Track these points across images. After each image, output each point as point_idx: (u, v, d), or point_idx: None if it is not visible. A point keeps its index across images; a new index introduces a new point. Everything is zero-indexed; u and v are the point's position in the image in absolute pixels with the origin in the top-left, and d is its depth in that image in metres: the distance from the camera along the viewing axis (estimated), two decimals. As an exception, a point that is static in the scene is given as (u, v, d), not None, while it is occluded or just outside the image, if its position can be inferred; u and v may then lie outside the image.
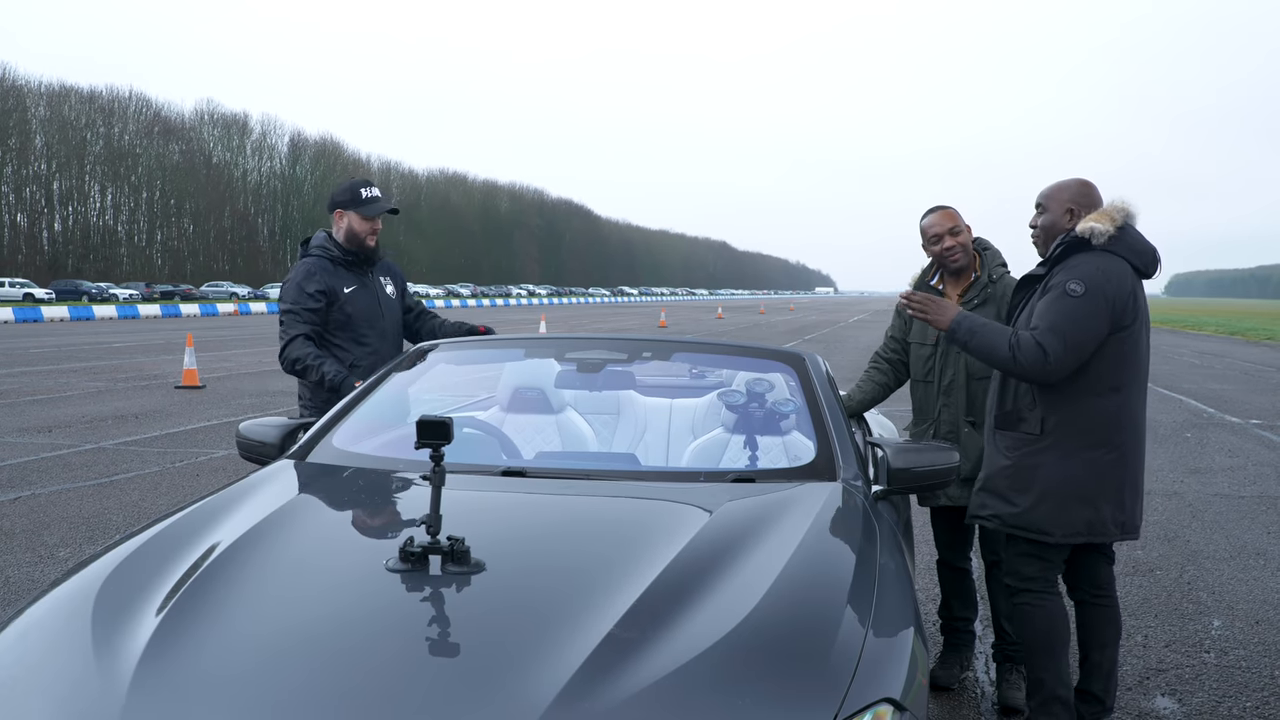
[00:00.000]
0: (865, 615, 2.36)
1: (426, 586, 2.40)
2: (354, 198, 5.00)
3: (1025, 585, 3.92)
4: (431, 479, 2.54)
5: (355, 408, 3.88)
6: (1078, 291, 3.70)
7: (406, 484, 3.33)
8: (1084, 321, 3.68)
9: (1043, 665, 3.90)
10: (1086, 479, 3.80)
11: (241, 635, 2.23)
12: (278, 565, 2.58)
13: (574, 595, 2.41)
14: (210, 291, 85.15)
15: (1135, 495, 3.89)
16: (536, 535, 2.87)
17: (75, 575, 2.59)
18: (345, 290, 4.94)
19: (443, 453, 2.59)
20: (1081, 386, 3.78)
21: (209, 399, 15.36)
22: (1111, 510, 3.83)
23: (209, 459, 10.27)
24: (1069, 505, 3.80)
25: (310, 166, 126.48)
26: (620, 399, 4.55)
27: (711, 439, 4.06)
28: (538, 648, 2.14)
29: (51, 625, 2.36)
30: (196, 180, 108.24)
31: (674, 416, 4.50)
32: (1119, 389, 3.79)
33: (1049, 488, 3.80)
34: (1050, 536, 3.82)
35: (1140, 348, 3.85)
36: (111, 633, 2.26)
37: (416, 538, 2.49)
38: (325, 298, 4.88)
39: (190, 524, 2.86)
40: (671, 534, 2.73)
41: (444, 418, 2.60)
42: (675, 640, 2.18)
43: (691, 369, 5.34)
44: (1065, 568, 4.02)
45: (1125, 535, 3.88)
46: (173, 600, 2.36)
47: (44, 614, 2.42)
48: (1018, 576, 3.95)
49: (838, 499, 3.12)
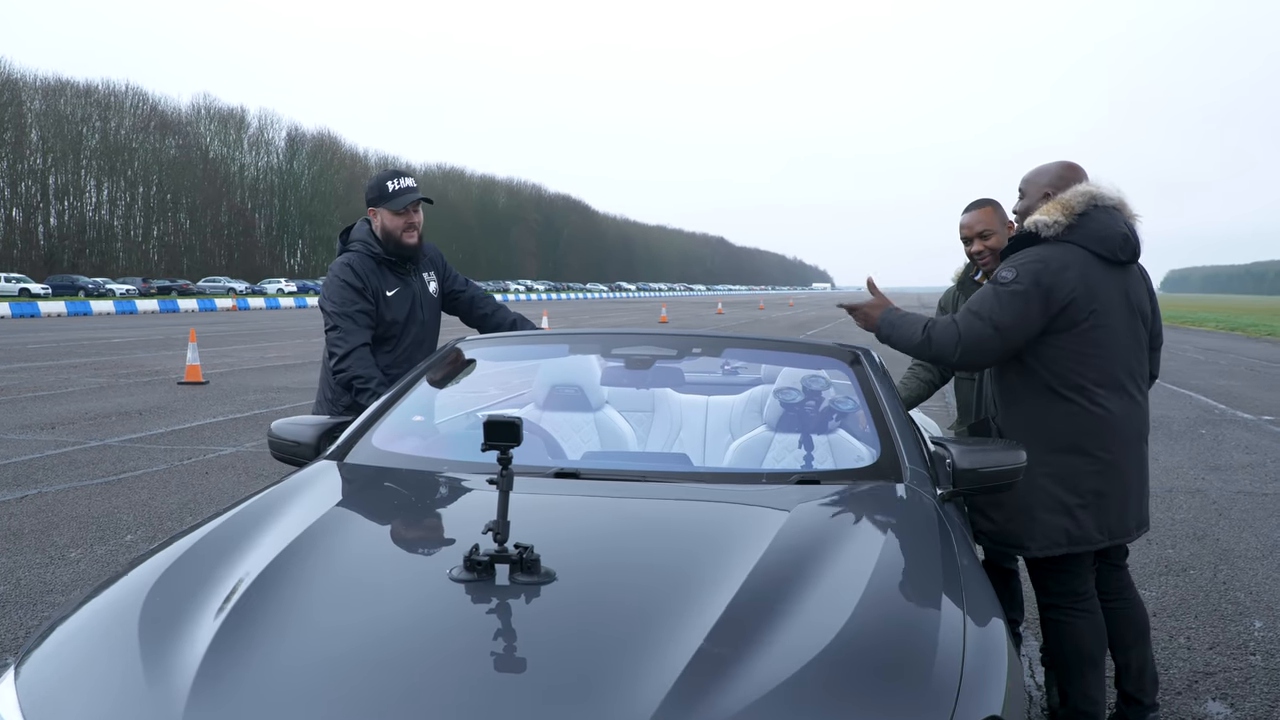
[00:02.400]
0: (959, 626, 2.22)
1: (494, 598, 2.25)
2: (381, 193, 4.63)
3: (1051, 601, 3.76)
4: (499, 483, 2.39)
5: (394, 406, 3.73)
6: (1006, 279, 3.50)
7: (460, 487, 3.18)
8: (1009, 306, 3.46)
9: (1069, 679, 3.76)
10: (1056, 487, 3.57)
11: (303, 649, 2.09)
12: (334, 575, 2.43)
13: (655, 607, 2.25)
14: (208, 287, 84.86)
15: (1126, 502, 3.64)
16: (604, 542, 2.72)
17: (118, 581, 2.45)
18: (388, 293, 4.64)
19: (511, 455, 2.44)
20: (1036, 386, 3.57)
21: (213, 395, 15.20)
22: (1094, 518, 3.59)
23: (217, 456, 10.12)
24: (1040, 516, 3.59)
25: (308, 161, 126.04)
26: (655, 396, 4.41)
27: (755, 437, 3.93)
28: (623, 665, 1.99)
29: (95, 635, 2.21)
30: (193, 175, 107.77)
31: (710, 414, 4.36)
32: (1082, 389, 3.53)
33: (1018, 498, 3.58)
34: (1027, 550, 3.64)
35: (1115, 344, 3.57)
36: (162, 645, 2.11)
37: (482, 545, 2.34)
38: (373, 298, 4.58)
39: (236, 529, 2.71)
40: (748, 540, 2.59)
41: (513, 418, 2.45)
42: (770, 656, 2.03)
43: (725, 365, 5.20)
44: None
45: (1114, 540, 3.66)
46: (226, 610, 2.21)
47: (87, 622, 2.27)
48: (1044, 592, 3.78)
49: (909, 501, 2.98)
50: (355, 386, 4.40)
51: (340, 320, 4.50)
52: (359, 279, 4.56)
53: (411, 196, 4.65)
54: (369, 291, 4.57)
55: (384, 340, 4.65)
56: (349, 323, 4.49)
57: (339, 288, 4.55)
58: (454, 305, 5.08)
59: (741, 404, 4.33)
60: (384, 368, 4.56)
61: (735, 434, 4.13)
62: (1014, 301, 3.46)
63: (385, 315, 4.62)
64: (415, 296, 4.76)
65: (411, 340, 4.74)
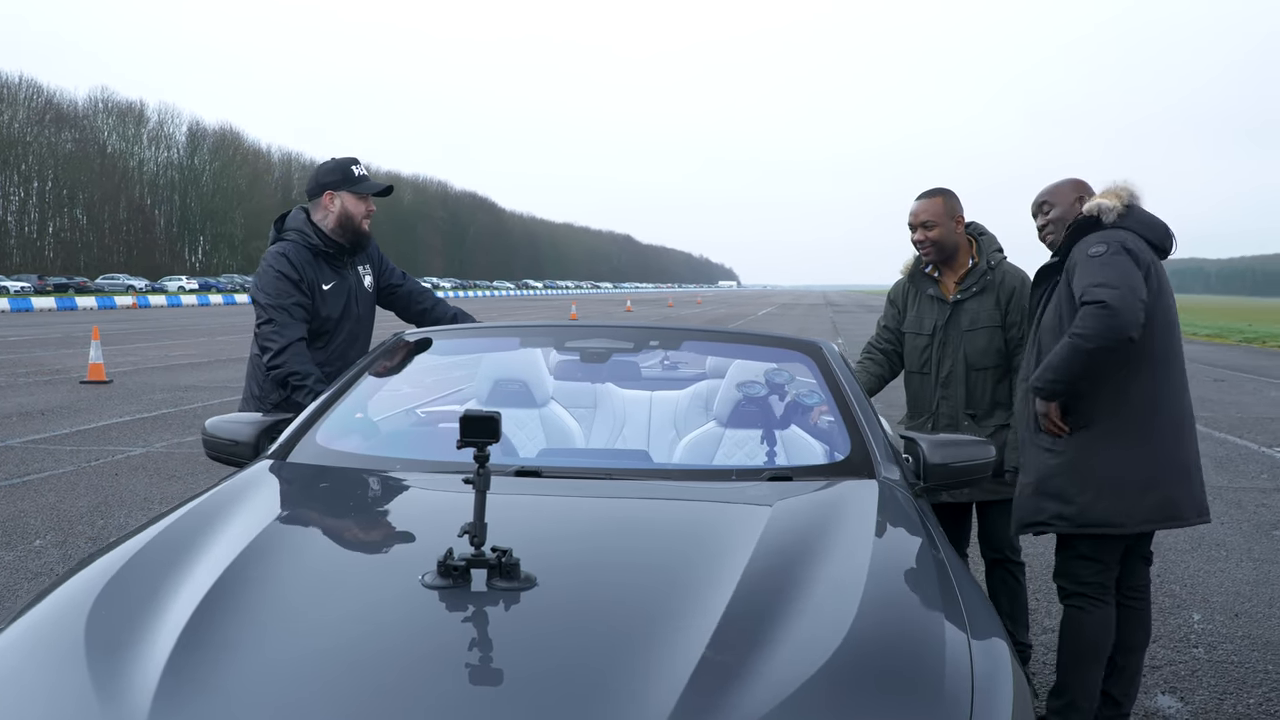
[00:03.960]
0: (963, 629, 2.11)
1: (471, 605, 2.07)
2: (346, 176, 4.44)
3: (1080, 589, 3.72)
4: (475, 482, 2.20)
5: (337, 402, 3.54)
6: (1100, 251, 3.55)
7: (418, 486, 3.00)
8: (1121, 269, 3.48)
9: (1075, 671, 3.72)
10: (1147, 462, 3.61)
11: (268, 667, 1.89)
12: (294, 585, 2.24)
13: (647, 611, 2.10)
14: (107, 284, 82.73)
15: (1196, 475, 3.72)
16: (582, 543, 2.55)
17: (56, 591, 2.23)
18: (324, 287, 4.40)
19: (488, 453, 2.27)
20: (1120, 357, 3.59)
21: (117, 394, 14.72)
22: (1186, 493, 3.66)
23: (127, 457, 9.76)
24: (1131, 493, 3.60)
25: (209, 157, 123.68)
26: (598, 392, 4.27)
27: (706, 433, 3.81)
28: (623, 676, 1.84)
29: (35, 653, 1.99)
30: (90, 170, 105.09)
31: (654, 409, 4.23)
32: (1165, 360, 3.64)
33: (1109, 476, 3.60)
34: (1123, 529, 3.62)
35: (1171, 322, 3.71)
36: (113, 662, 1.90)
37: (456, 549, 2.15)
38: (309, 291, 4.34)
39: (183, 534, 2.49)
40: (734, 539, 2.45)
41: (492, 413, 2.26)
42: (778, 664, 1.88)
43: (664, 360, 5.07)
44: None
45: (1201, 518, 3.72)
46: (182, 624, 2.00)
47: (22, 638, 2.05)
48: (1074, 580, 3.74)
49: (887, 498, 2.86)
50: (291, 383, 4.17)
51: (275, 313, 4.24)
52: (295, 270, 4.31)
53: (377, 184, 4.53)
54: (305, 284, 4.33)
55: (317, 336, 4.40)
56: (284, 316, 4.24)
57: (273, 279, 4.29)
58: (390, 300, 4.85)
59: (686, 399, 4.20)
60: (317, 365, 4.32)
61: (680, 429, 4.01)
62: (1124, 265, 3.49)
63: (320, 310, 4.38)
64: (351, 291, 4.53)
65: (345, 337, 4.51)
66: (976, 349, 4.33)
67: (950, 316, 4.38)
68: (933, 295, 4.44)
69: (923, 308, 4.47)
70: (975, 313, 4.34)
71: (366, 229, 4.50)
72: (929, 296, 4.45)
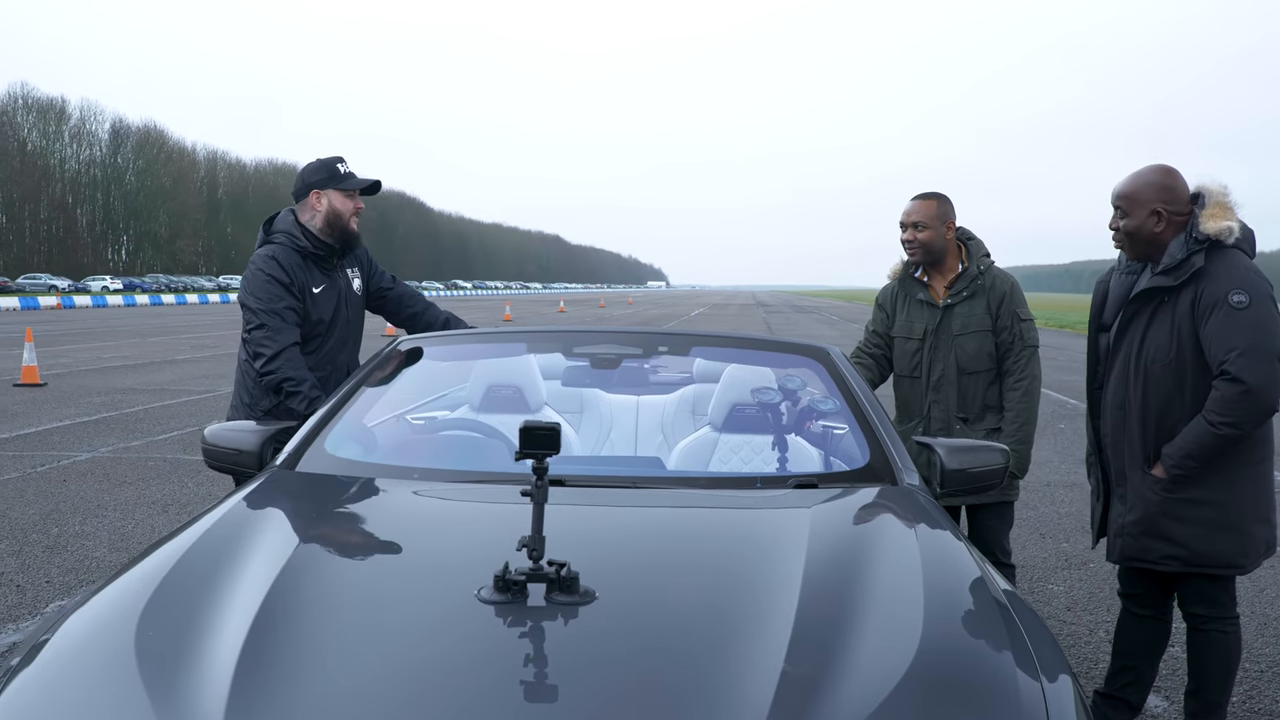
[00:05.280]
0: (1017, 634, 2.11)
1: (531, 620, 2.01)
2: (333, 174, 4.34)
3: (1221, 614, 3.74)
4: (534, 495, 2.15)
5: (343, 410, 3.47)
6: (1243, 302, 3.40)
7: (453, 498, 2.94)
8: (1265, 329, 3.38)
9: (1219, 692, 3.77)
10: (1259, 498, 3.61)
11: (338, 686, 1.83)
12: (348, 599, 2.18)
13: (714, 624, 2.06)
14: (28, 284, 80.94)
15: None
16: (632, 555, 2.51)
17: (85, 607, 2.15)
18: (314, 290, 4.30)
19: (547, 465, 2.22)
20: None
21: (54, 397, 14.38)
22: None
23: (73, 462, 9.53)
24: (1249, 529, 3.60)
25: (133, 155, 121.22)
26: (583, 396, 4.23)
27: (700, 439, 3.79)
28: (702, 695, 1.79)
29: (77, 685, 1.90)
30: (9, 168, 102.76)
31: (641, 414, 4.21)
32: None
33: (1220, 515, 3.58)
34: (1242, 569, 3.64)
35: None
36: (169, 683, 1.82)
37: (512, 563, 2.10)
38: (299, 294, 4.24)
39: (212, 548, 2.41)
40: (783, 547, 2.42)
41: (552, 424, 2.21)
42: (858, 678, 1.86)
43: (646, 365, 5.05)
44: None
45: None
46: (241, 645, 1.93)
47: (63, 668, 1.95)
48: (1213, 605, 3.73)
49: (918, 505, 2.86)
50: (286, 390, 4.07)
51: (267, 318, 4.14)
52: (285, 273, 4.21)
53: (364, 181, 4.42)
54: (295, 287, 4.23)
55: (307, 340, 4.29)
56: (277, 320, 4.13)
57: (263, 282, 4.19)
58: (380, 304, 4.75)
59: (674, 404, 4.19)
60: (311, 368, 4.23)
61: (668, 434, 3.99)
62: (1264, 319, 3.39)
63: (311, 314, 4.28)
64: (341, 294, 4.43)
65: (335, 341, 4.41)
66: (967, 353, 4.37)
67: (941, 321, 4.41)
68: (923, 300, 4.46)
69: (913, 312, 4.50)
70: (966, 317, 4.37)
71: (355, 228, 4.41)
72: (919, 301, 4.48)
